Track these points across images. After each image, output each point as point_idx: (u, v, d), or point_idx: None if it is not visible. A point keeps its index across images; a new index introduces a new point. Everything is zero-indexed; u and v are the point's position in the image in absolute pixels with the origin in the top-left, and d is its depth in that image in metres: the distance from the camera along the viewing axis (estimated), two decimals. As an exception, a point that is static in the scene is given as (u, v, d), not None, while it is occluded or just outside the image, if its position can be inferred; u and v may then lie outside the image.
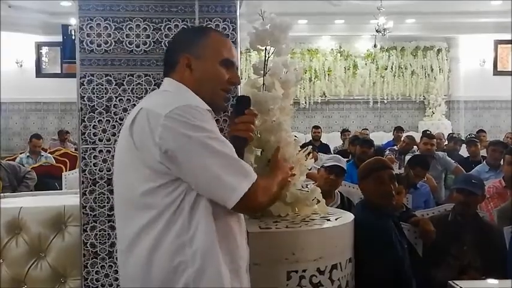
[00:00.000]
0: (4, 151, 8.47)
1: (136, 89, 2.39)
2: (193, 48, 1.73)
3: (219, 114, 2.25)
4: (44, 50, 12.24)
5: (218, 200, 1.56)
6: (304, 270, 2.26)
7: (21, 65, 11.90)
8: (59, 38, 10.87)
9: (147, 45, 2.39)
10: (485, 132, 9.91)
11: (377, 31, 10.18)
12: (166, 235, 1.56)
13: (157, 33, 2.38)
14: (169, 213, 1.56)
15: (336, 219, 2.51)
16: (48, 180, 6.72)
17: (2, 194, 3.28)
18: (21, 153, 8.32)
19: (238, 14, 2.45)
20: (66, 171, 6.73)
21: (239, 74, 2.56)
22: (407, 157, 6.34)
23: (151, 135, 1.54)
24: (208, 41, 1.75)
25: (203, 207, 1.57)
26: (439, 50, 13.23)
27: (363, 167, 3.11)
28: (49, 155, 7.83)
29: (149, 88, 2.38)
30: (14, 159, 7.62)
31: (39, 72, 12.16)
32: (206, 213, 1.57)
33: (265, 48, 2.58)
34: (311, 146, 2.86)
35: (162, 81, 1.80)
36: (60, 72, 11.96)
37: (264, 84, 2.56)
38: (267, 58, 2.58)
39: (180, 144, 1.52)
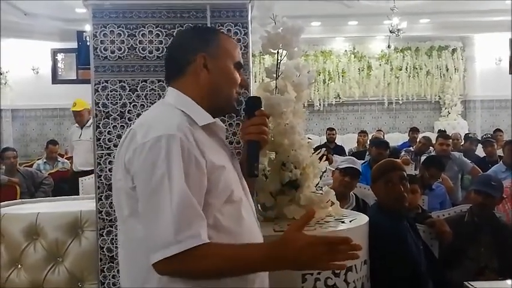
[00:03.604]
0: (21, 157, 8.55)
1: (150, 94, 2.42)
2: (209, 47, 1.62)
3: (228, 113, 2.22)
4: (60, 56, 12.33)
5: (147, 250, 1.42)
6: (319, 273, 2.26)
7: (37, 72, 12.00)
8: (74, 45, 10.96)
9: (160, 51, 2.41)
10: (502, 131, 9.81)
11: (391, 32, 10.12)
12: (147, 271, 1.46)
13: (169, 39, 2.40)
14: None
15: (350, 221, 2.51)
16: (65, 185, 6.79)
17: (20, 200, 3.32)
18: (38, 160, 8.41)
19: (249, 18, 2.46)
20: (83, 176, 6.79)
21: (252, 77, 2.58)
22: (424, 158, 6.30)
23: (126, 161, 1.50)
24: (221, 41, 1.66)
25: None
26: (454, 50, 13.11)
27: (375, 169, 3.11)
28: (66, 160, 7.91)
29: (162, 93, 2.40)
30: (31, 166, 7.71)
31: (55, 79, 12.24)
32: None
33: (278, 52, 2.59)
34: (325, 148, 2.87)
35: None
36: (75, 78, 12.05)
37: (276, 87, 2.58)
38: (279, 61, 2.59)
39: (139, 180, 1.45)
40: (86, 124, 6.78)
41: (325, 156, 2.76)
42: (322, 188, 2.73)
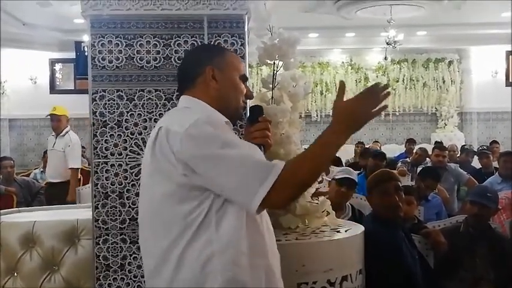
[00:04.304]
0: (18, 167, 8.53)
1: (147, 104, 2.44)
2: (216, 61, 1.78)
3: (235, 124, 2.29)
4: (58, 66, 12.37)
5: (243, 206, 1.59)
6: (314, 282, 2.27)
7: (35, 82, 12.03)
8: (72, 55, 10.99)
9: (157, 61, 2.44)
10: (498, 143, 9.81)
11: (387, 44, 10.18)
12: (189, 249, 1.61)
13: (167, 49, 2.43)
14: (192, 230, 1.61)
15: (346, 231, 2.52)
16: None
17: (17, 209, 3.32)
18: (35, 169, 8.41)
19: (246, 29, 2.49)
20: (80, 186, 6.78)
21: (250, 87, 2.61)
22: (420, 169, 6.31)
23: (172, 152, 1.60)
24: (227, 56, 1.84)
25: (232, 219, 1.61)
26: (450, 62, 13.19)
27: (370, 179, 3.14)
28: (63, 170, 7.89)
29: (160, 103, 2.43)
30: (28, 175, 7.70)
31: (53, 89, 12.27)
32: (235, 224, 1.61)
33: (274, 63, 2.62)
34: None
35: (173, 96, 1.82)
36: (73, 88, 12.07)
37: (272, 97, 2.60)
38: (275, 72, 2.62)
39: (198, 158, 1.58)
40: (61, 133, 6.48)
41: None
42: (318, 198, 2.75)
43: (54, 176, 6.35)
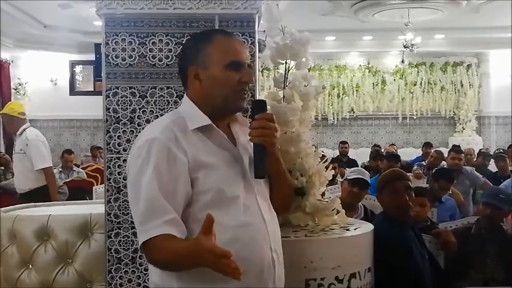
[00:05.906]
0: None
1: (159, 101, 2.49)
2: (198, 59, 1.71)
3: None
4: (78, 68, 12.52)
5: None
6: (322, 279, 2.29)
7: (55, 83, 12.19)
8: (92, 57, 11.12)
9: (169, 59, 2.49)
10: (516, 147, 9.72)
11: (405, 47, 10.15)
12: None
13: (179, 48, 2.48)
14: None
15: (355, 229, 2.54)
16: (80, 194, 6.86)
17: (33, 204, 3.39)
18: (54, 169, 8.51)
19: (256, 28, 2.53)
20: (97, 185, 6.87)
21: (258, 86, 2.64)
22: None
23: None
24: (211, 48, 1.71)
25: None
26: (469, 66, 13.09)
27: (380, 178, 3.15)
28: (81, 170, 8.03)
29: (171, 100, 2.48)
30: (47, 174, 7.78)
31: (72, 90, 12.42)
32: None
33: (286, 62, 2.65)
34: (327, 156, 2.89)
35: (184, 93, 1.86)
36: (93, 90, 12.21)
37: (284, 96, 2.63)
38: (287, 71, 2.65)
39: (128, 179, 1.70)
40: (18, 132, 5.37)
41: (331, 166, 2.80)
42: (330, 198, 2.77)
43: (23, 182, 5.36)
